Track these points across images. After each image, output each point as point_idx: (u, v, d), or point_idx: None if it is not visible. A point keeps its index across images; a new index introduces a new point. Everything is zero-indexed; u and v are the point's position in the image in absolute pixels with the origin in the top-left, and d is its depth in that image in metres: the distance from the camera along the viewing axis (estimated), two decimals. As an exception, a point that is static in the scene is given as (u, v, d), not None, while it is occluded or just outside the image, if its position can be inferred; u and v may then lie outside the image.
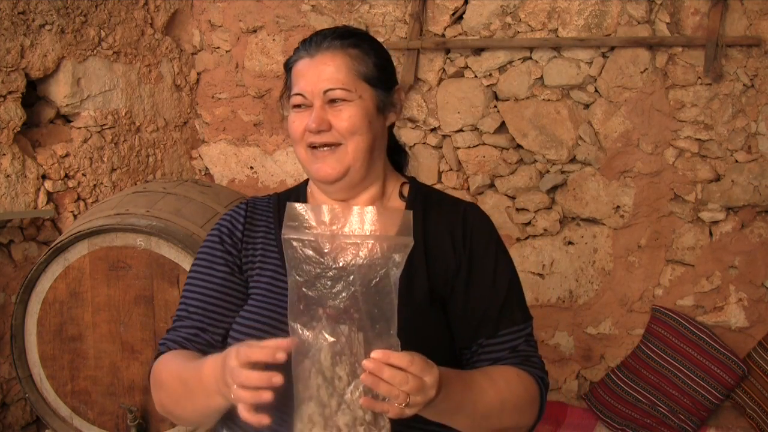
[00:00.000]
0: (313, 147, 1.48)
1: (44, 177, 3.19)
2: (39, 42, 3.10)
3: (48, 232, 3.23)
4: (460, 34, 3.70)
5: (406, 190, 1.60)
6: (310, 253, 1.21)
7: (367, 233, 1.24)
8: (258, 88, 4.07)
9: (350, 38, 1.51)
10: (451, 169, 3.78)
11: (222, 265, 1.54)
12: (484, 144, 3.71)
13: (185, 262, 2.50)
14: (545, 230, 3.67)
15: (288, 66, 1.55)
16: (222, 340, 1.49)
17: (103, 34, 3.44)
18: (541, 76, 3.59)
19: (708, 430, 3.41)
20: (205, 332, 1.50)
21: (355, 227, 1.25)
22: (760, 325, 3.41)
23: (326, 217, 1.25)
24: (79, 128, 3.37)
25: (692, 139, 3.43)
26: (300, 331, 1.19)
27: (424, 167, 3.77)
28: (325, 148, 1.47)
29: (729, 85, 3.35)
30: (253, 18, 4.03)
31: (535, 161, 3.65)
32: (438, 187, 3.15)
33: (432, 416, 1.30)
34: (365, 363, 1.16)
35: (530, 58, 3.60)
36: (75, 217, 3.26)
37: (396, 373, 1.16)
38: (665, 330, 3.45)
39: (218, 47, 4.11)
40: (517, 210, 3.71)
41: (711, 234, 3.47)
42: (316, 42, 1.50)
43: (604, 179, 3.56)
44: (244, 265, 1.53)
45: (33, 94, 3.24)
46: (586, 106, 3.57)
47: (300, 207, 1.26)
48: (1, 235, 3.05)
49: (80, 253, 2.56)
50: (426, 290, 1.46)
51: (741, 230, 3.42)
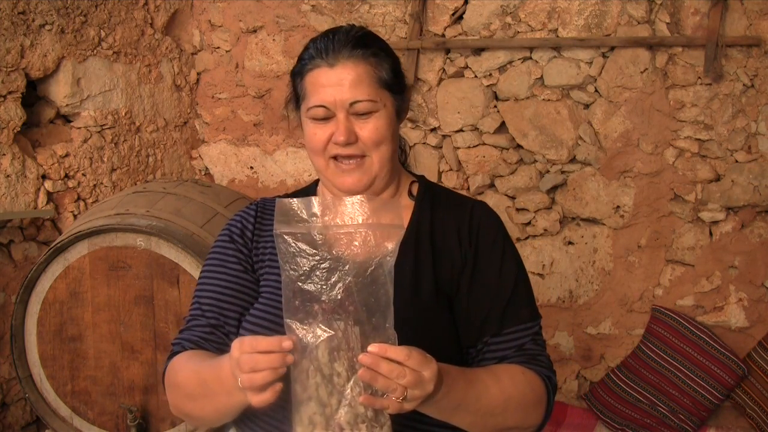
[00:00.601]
0: (335, 158, 1.46)
1: (44, 177, 3.18)
2: (39, 42, 3.10)
3: (48, 232, 3.22)
4: (460, 34, 3.70)
5: (415, 189, 1.59)
6: (303, 246, 1.19)
7: (359, 223, 1.23)
8: (258, 88, 4.07)
9: (367, 45, 1.46)
10: (451, 169, 3.78)
11: (234, 263, 1.53)
12: (484, 144, 3.71)
13: (185, 262, 2.50)
14: (545, 230, 3.67)
15: (300, 72, 1.49)
16: (236, 337, 1.49)
17: (103, 34, 3.44)
18: (541, 76, 3.59)
19: (708, 430, 3.41)
20: (220, 329, 1.49)
21: (346, 218, 1.24)
22: (760, 325, 3.41)
23: (317, 209, 1.23)
24: (79, 128, 3.37)
25: (692, 139, 3.43)
26: (296, 329, 1.18)
27: (424, 167, 3.77)
28: (351, 161, 1.45)
29: (729, 85, 3.35)
30: (253, 18, 4.03)
31: (535, 161, 3.65)
32: (438, 187, 3.14)
33: (434, 413, 1.29)
34: (362, 357, 1.15)
35: (530, 58, 3.60)
36: (75, 217, 3.26)
37: (393, 367, 1.15)
38: (665, 330, 3.45)
39: (218, 47, 4.11)
40: (517, 210, 3.71)
41: (711, 234, 3.47)
42: (333, 50, 1.43)
43: (604, 179, 3.56)
44: (255, 264, 1.53)
45: (33, 94, 3.24)
46: (586, 106, 3.57)
47: (290, 201, 1.24)
48: (1, 235, 3.05)
49: (80, 253, 2.56)
50: (432, 288, 1.45)
51: (741, 230, 3.42)
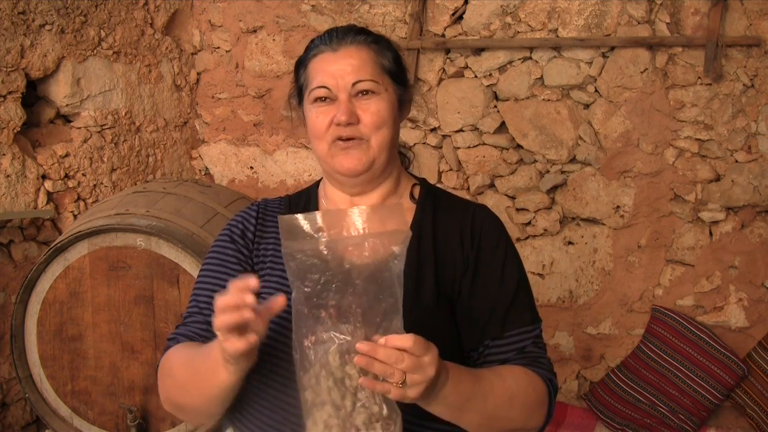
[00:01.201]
0: (336, 140, 1.47)
1: (44, 177, 3.18)
2: (39, 42, 3.09)
3: (48, 232, 3.22)
4: (460, 34, 3.70)
5: (416, 192, 1.60)
6: (314, 261, 1.18)
7: (364, 232, 1.23)
8: (258, 88, 4.07)
9: (370, 34, 1.52)
10: (451, 169, 3.78)
11: (234, 263, 1.52)
12: (484, 144, 3.71)
13: (185, 262, 2.50)
14: (545, 230, 3.67)
15: (304, 62, 1.53)
16: None
17: (103, 34, 3.44)
18: (541, 76, 3.59)
19: (708, 430, 3.41)
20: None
21: (352, 229, 1.23)
22: (760, 325, 3.41)
23: (321, 223, 1.23)
24: (79, 128, 3.37)
25: (692, 139, 3.43)
26: (305, 340, 1.17)
27: (425, 167, 3.77)
28: (350, 141, 1.47)
29: (729, 85, 3.35)
30: (253, 18, 4.03)
31: (535, 161, 3.65)
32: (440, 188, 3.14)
33: (444, 412, 1.29)
34: (358, 345, 1.14)
35: (530, 58, 3.60)
36: (75, 217, 3.26)
37: (391, 352, 1.15)
38: (665, 330, 3.45)
39: (218, 47, 4.11)
40: (517, 210, 3.71)
41: (711, 234, 3.47)
42: (337, 37, 1.49)
43: (604, 179, 3.56)
44: (255, 265, 1.52)
45: (33, 94, 3.24)
46: (586, 106, 3.57)
47: (294, 218, 1.23)
48: (1, 235, 3.04)
49: (80, 253, 2.56)
50: (434, 290, 1.46)
51: (741, 230, 3.42)
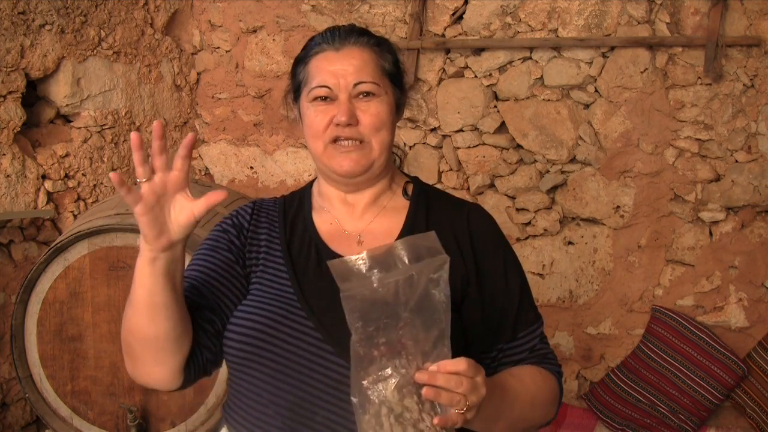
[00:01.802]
0: (334, 141, 1.47)
1: (44, 177, 3.18)
2: (39, 42, 3.09)
3: (48, 232, 3.22)
4: (460, 34, 3.70)
5: (410, 189, 1.60)
6: (372, 301, 1.18)
7: (408, 265, 1.22)
8: (258, 88, 4.07)
9: (372, 36, 1.52)
10: (451, 169, 3.78)
11: (225, 250, 1.52)
12: (484, 144, 3.71)
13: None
14: (545, 230, 3.67)
15: (304, 59, 1.52)
16: (211, 317, 1.44)
17: (103, 34, 3.44)
18: (541, 76, 3.59)
19: (708, 430, 3.41)
20: (198, 290, 1.46)
21: (398, 262, 1.23)
22: (760, 325, 3.41)
23: (370, 262, 1.22)
24: (79, 128, 3.37)
25: (692, 139, 3.43)
26: (363, 381, 1.18)
27: (424, 167, 3.77)
28: (349, 142, 1.46)
29: (729, 85, 3.35)
30: (253, 18, 4.03)
31: (535, 161, 3.65)
32: (438, 187, 3.14)
33: (477, 426, 1.30)
34: (418, 375, 1.16)
35: (530, 58, 3.60)
36: (75, 217, 3.26)
37: (450, 377, 1.16)
38: (665, 330, 3.45)
39: (218, 47, 4.11)
40: (517, 210, 3.71)
41: (711, 234, 3.47)
42: (339, 36, 1.49)
43: (604, 179, 3.56)
44: (247, 260, 1.52)
45: (33, 94, 3.24)
46: (586, 106, 3.57)
47: (344, 261, 1.22)
48: (1, 235, 3.05)
49: (80, 253, 2.56)
50: None
51: (741, 230, 3.42)
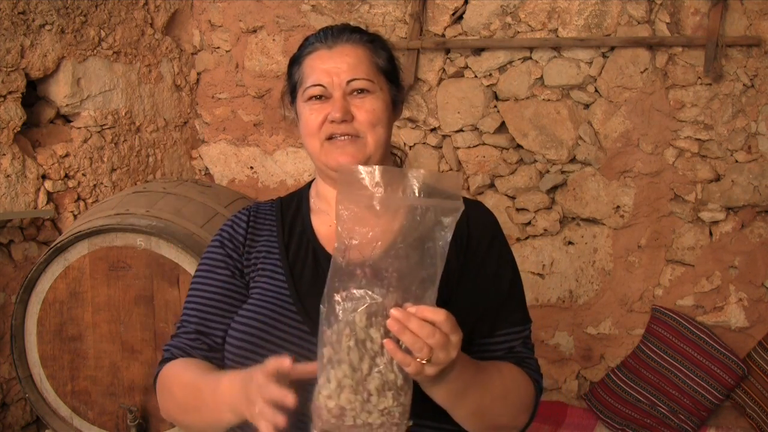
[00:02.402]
0: (329, 138, 1.47)
1: (44, 177, 3.18)
2: (39, 42, 3.09)
3: (48, 232, 3.22)
4: (460, 34, 3.70)
5: None
6: (365, 214, 1.17)
7: (419, 195, 1.21)
8: (258, 88, 4.07)
9: (365, 33, 1.53)
10: (451, 169, 3.78)
11: (222, 268, 1.53)
12: (484, 144, 3.71)
13: (185, 262, 2.50)
14: (545, 230, 3.67)
15: (298, 59, 1.53)
16: (223, 342, 1.48)
17: (103, 34, 3.44)
18: (541, 76, 3.59)
19: (708, 430, 3.41)
20: (205, 335, 1.49)
21: (408, 190, 1.22)
22: (760, 325, 3.41)
23: (380, 179, 1.21)
24: (79, 128, 3.37)
25: (692, 139, 3.43)
26: (336, 294, 1.15)
27: (424, 167, 3.77)
28: (345, 138, 1.46)
29: (729, 85, 3.35)
30: (253, 18, 4.03)
31: (535, 161, 3.65)
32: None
33: (443, 396, 1.28)
34: (393, 311, 1.13)
35: (530, 58, 3.60)
36: (75, 217, 3.26)
37: (424, 325, 1.13)
38: (665, 330, 3.45)
39: (218, 47, 4.11)
40: (517, 210, 3.71)
41: (711, 234, 3.47)
42: (332, 35, 1.50)
43: (604, 179, 3.56)
44: (245, 268, 1.52)
45: (33, 94, 3.24)
46: (586, 106, 3.57)
47: (353, 169, 1.22)
48: (1, 235, 3.04)
49: (80, 253, 2.56)
50: None
51: (741, 230, 3.42)
